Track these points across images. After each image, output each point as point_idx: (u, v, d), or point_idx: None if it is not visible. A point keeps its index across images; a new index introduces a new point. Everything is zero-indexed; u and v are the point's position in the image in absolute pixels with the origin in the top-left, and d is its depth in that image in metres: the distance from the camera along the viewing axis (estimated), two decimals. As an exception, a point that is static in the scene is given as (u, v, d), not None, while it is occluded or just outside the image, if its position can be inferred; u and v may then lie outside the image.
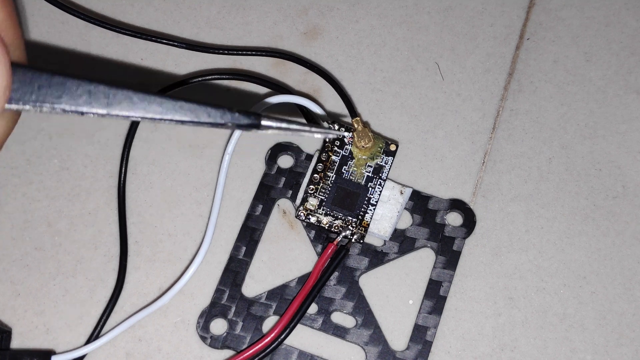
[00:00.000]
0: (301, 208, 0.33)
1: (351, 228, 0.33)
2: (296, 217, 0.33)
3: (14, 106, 0.20)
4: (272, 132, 0.24)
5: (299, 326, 0.32)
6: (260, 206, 0.35)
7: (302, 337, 0.33)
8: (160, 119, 0.22)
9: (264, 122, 0.23)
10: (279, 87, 0.36)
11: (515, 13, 0.38)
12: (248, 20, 0.39)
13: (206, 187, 0.35)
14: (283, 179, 0.35)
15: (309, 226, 0.34)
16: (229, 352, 0.33)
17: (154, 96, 0.21)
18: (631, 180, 0.35)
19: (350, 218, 0.33)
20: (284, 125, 0.24)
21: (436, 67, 0.37)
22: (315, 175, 0.34)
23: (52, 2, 0.38)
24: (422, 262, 0.34)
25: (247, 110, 0.23)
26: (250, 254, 0.34)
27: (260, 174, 0.35)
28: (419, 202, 0.34)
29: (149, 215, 0.35)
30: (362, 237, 0.33)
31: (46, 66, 0.23)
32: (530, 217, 0.34)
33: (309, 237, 0.34)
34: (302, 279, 0.33)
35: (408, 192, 0.34)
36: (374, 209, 0.33)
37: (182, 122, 0.22)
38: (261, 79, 0.36)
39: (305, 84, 0.37)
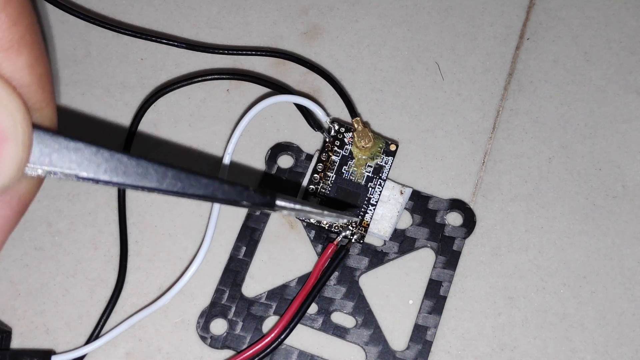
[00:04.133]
0: (301, 208, 0.33)
1: (351, 228, 0.33)
2: (296, 217, 0.33)
3: (29, 170, 0.19)
4: (287, 212, 0.24)
5: (299, 326, 0.32)
6: (260, 206, 0.35)
7: (302, 337, 0.33)
8: (175, 192, 0.21)
9: (278, 202, 0.23)
10: (279, 87, 0.36)
11: (515, 13, 0.38)
12: (248, 20, 0.39)
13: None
14: (283, 179, 0.35)
15: (309, 226, 0.34)
16: (229, 352, 0.33)
17: (171, 169, 0.21)
18: (631, 180, 0.35)
19: (350, 218, 0.33)
20: (297, 206, 0.24)
21: (436, 67, 0.37)
22: (315, 175, 0.34)
23: (52, 2, 0.38)
24: (422, 262, 0.34)
25: (263, 190, 0.23)
26: (250, 254, 0.34)
27: (260, 174, 0.35)
28: (419, 202, 0.34)
29: (149, 215, 0.35)
30: (362, 237, 0.33)
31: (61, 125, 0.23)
32: (530, 217, 0.34)
33: (309, 237, 0.34)
34: (302, 279, 0.33)
35: (408, 192, 0.34)
36: (374, 209, 0.33)
37: (197, 196, 0.22)
38: (261, 79, 0.36)
39: (305, 84, 0.37)
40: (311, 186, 0.34)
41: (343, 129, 0.34)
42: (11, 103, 0.19)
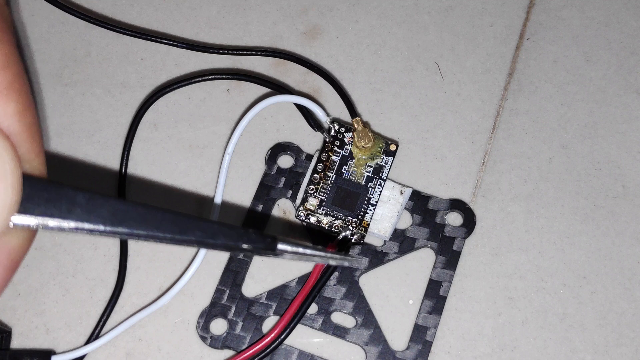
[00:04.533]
0: (301, 208, 0.33)
1: (351, 228, 0.33)
2: (296, 217, 0.33)
3: (19, 221, 0.18)
4: (289, 256, 0.23)
5: (299, 326, 0.32)
6: (260, 206, 0.35)
7: (302, 337, 0.33)
8: (173, 239, 0.20)
9: (279, 247, 0.22)
10: (279, 87, 0.36)
11: (515, 13, 0.38)
12: (248, 20, 0.39)
13: (206, 187, 0.35)
14: (283, 179, 0.35)
15: (308, 225, 0.34)
16: (229, 352, 0.33)
17: (168, 214, 0.20)
18: (631, 180, 0.35)
19: (350, 218, 0.33)
20: (300, 250, 0.23)
21: (436, 67, 0.37)
22: (315, 175, 0.34)
23: (52, 2, 0.38)
24: (422, 262, 0.34)
25: (263, 233, 0.22)
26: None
27: (260, 174, 0.35)
28: (419, 202, 0.34)
29: (149, 215, 0.35)
30: (362, 237, 0.33)
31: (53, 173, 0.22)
32: (530, 217, 0.34)
33: (309, 237, 0.34)
34: (302, 279, 0.33)
35: (408, 192, 0.34)
36: (374, 209, 0.33)
37: (197, 242, 0.21)
38: (261, 79, 0.36)
39: (305, 84, 0.37)
40: (311, 186, 0.34)
41: (343, 129, 0.34)
42: None
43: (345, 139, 0.34)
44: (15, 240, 0.20)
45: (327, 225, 0.33)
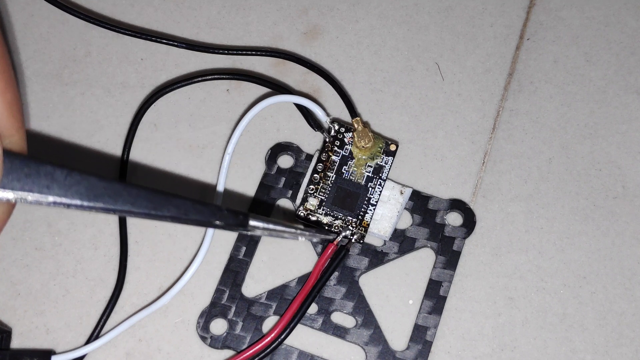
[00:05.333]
0: (301, 208, 0.33)
1: (351, 228, 0.33)
2: (296, 217, 0.33)
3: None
4: (260, 232, 0.24)
5: (299, 326, 0.32)
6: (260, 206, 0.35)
7: (302, 337, 0.33)
8: (146, 214, 0.21)
9: (251, 222, 0.23)
10: (279, 87, 0.36)
11: (515, 13, 0.38)
12: (248, 20, 0.39)
13: (206, 188, 0.35)
14: (283, 179, 0.35)
15: (309, 226, 0.34)
16: (229, 352, 0.33)
17: (144, 190, 0.21)
18: (631, 180, 0.35)
19: (350, 218, 0.33)
20: (270, 225, 0.24)
21: (436, 67, 0.37)
22: (315, 175, 0.34)
23: (52, 2, 0.38)
24: (422, 262, 0.34)
25: (236, 210, 0.23)
26: (250, 254, 0.34)
27: (260, 174, 0.35)
28: (419, 202, 0.34)
29: (149, 215, 0.35)
30: (362, 237, 0.33)
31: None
32: (530, 217, 0.34)
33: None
34: (302, 279, 0.33)
35: (408, 192, 0.34)
36: (374, 209, 0.33)
37: (171, 217, 0.21)
38: (261, 79, 0.36)
39: (305, 84, 0.37)
40: (311, 186, 0.34)
41: (343, 129, 0.34)
42: None
43: (345, 139, 0.34)
44: None
45: (327, 225, 0.33)
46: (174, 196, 0.21)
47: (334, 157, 0.34)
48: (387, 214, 0.33)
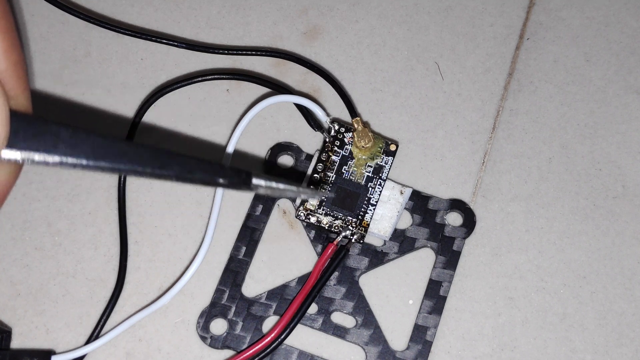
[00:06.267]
0: (301, 208, 0.33)
1: (351, 228, 0.33)
2: (296, 217, 0.33)
3: (6, 154, 0.19)
4: (263, 190, 0.24)
5: (299, 326, 0.32)
6: (260, 206, 0.35)
7: (302, 337, 0.33)
8: (152, 173, 0.21)
9: (254, 181, 0.23)
10: (279, 87, 0.36)
11: (515, 13, 0.38)
12: (248, 20, 0.39)
13: (206, 188, 0.35)
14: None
15: (309, 226, 0.34)
16: (229, 352, 0.33)
17: (148, 149, 0.21)
18: (631, 180, 0.35)
19: (350, 218, 0.33)
20: (273, 184, 0.24)
21: (436, 67, 0.37)
22: (315, 175, 0.34)
23: (52, 2, 0.38)
24: (422, 262, 0.34)
25: (239, 169, 0.23)
26: (250, 254, 0.34)
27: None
28: (419, 202, 0.34)
29: (149, 215, 0.35)
30: (362, 237, 0.33)
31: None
32: (530, 217, 0.34)
33: (309, 237, 0.34)
34: (302, 279, 0.33)
35: (408, 192, 0.34)
36: (374, 209, 0.33)
37: (175, 176, 0.21)
38: (261, 79, 0.36)
39: (305, 84, 0.37)
40: (311, 186, 0.33)
41: (343, 129, 0.34)
42: None
43: (345, 139, 0.34)
44: (2, 174, 0.21)
45: (327, 225, 0.33)
46: (178, 154, 0.21)
47: (334, 157, 0.34)
48: (387, 214, 0.33)
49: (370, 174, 0.34)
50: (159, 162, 0.21)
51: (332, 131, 0.34)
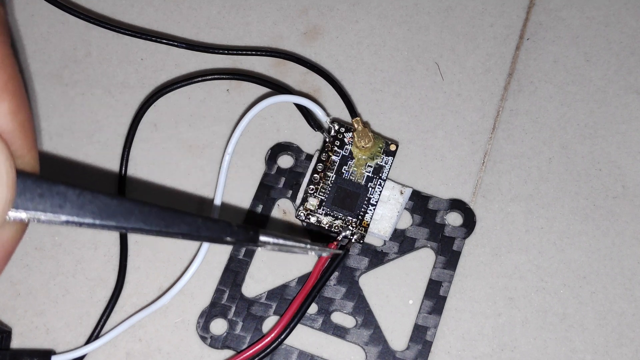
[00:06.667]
0: (301, 208, 0.33)
1: (351, 228, 0.33)
2: (296, 217, 0.33)
3: (13, 214, 0.19)
4: (270, 247, 0.24)
5: (299, 326, 0.32)
6: (260, 206, 0.35)
7: (302, 337, 0.33)
8: (158, 231, 0.21)
9: (262, 238, 0.23)
10: (279, 87, 0.36)
11: (515, 13, 0.38)
12: (248, 20, 0.39)
13: (206, 187, 0.35)
14: (283, 179, 0.35)
15: (309, 226, 0.34)
16: (229, 352, 0.33)
17: (155, 208, 0.21)
18: (631, 180, 0.35)
19: (350, 218, 0.33)
20: (280, 241, 0.24)
21: (436, 67, 0.37)
22: (315, 175, 0.34)
23: (52, 2, 0.38)
24: (422, 262, 0.34)
25: (246, 225, 0.23)
26: (250, 254, 0.34)
27: (260, 174, 0.35)
28: (419, 202, 0.34)
29: (149, 215, 0.35)
30: (362, 237, 0.33)
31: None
32: (530, 217, 0.34)
33: (309, 237, 0.34)
34: (302, 279, 0.33)
35: (408, 192, 0.34)
36: (374, 209, 0.33)
37: (181, 234, 0.22)
38: (261, 79, 0.36)
39: (305, 84, 0.37)
40: (311, 186, 0.34)
41: (343, 129, 0.34)
42: None
43: (345, 139, 0.34)
44: (8, 233, 0.21)
45: (327, 225, 0.33)
46: (185, 213, 0.22)
47: (334, 157, 0.34)
48: (387, 214, 0.33)
49: (370, 174, 0.34)
50: (166, 222, 0.21)
51: (332, 131, 0.34)
